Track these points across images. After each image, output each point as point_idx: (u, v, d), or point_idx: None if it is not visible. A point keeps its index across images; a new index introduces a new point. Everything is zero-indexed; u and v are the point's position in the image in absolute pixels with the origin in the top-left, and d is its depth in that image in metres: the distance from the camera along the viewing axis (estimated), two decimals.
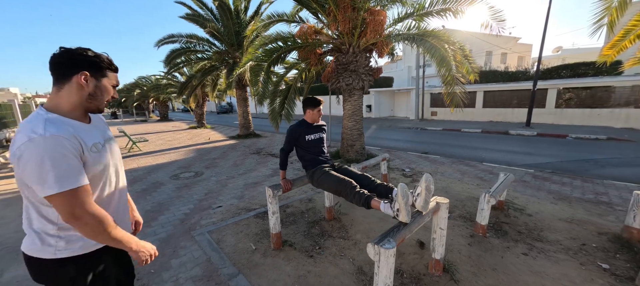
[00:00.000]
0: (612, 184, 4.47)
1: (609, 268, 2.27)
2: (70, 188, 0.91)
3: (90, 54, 1.03)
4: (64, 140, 0.92)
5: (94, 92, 1.05)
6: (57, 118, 0.97)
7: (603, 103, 11.96)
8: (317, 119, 2.59)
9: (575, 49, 27.12)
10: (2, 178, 5.72)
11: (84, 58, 1.01)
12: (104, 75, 1.07)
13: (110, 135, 1.21)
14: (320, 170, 2.45)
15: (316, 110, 2.56)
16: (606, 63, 4.49)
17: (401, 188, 1.79)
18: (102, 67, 1.06)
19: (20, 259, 2.62)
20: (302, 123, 2.60)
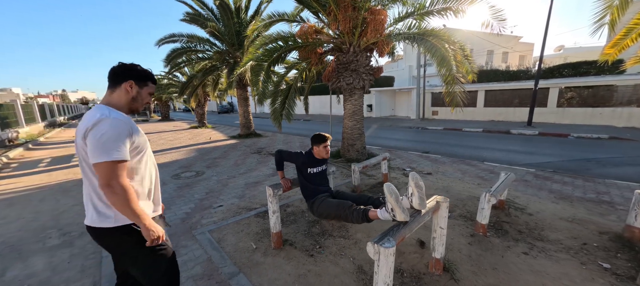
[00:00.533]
0: (614, 183, 4.46)
1: (610, 268, 2.26)
2: (113, 159, 1.15)
3: (138, 68, 1.37)
4: (122, 123, 1.21)
5: (135, 96, 1.37)
6: (112, 109, 1.26)
7: (605, 103, 11.90)
8: (323, 155, 2.59)
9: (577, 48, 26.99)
10: (4, 178, 5.75)
11: (131, 70, 1.35)
12: (145, 85, 1.39)
13: (143, 132, 1.46)
14: (319, 200, 2.45)
15: (322, 146, 2.57)
16: (608, 62, 4.46)
17: (387, 186, 1.80)
18: (144, 78, 1.38)
19: (22, 258, 2.65)
20: (309, 155, 2.61)
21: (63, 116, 25.71)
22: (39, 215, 3.68)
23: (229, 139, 10.60)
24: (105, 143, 1.14)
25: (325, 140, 2.56)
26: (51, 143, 10.92)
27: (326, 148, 2.57)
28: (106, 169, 1.14)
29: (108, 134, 1.15)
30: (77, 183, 5.20)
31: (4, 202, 4.26)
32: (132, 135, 1.25)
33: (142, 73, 1.37)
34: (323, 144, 2.56)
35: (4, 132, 10.07)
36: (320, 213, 2.43)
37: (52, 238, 3.03)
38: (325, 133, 2.60)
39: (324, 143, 2.56)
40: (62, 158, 7.78)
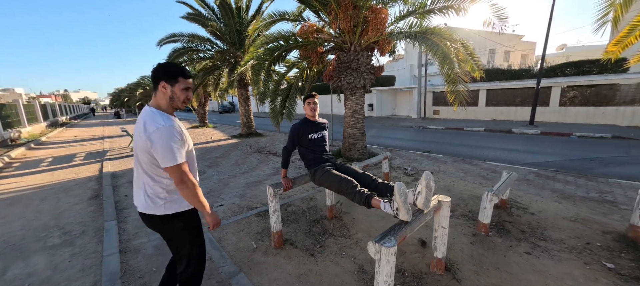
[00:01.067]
0: (617, 183, 4.42)
1: (613, 268, 2.24)
2: (182, 162, 1.34)
3: (166, 66, 1.41)
4: (175, 130, 1.34)
5: (171, 95, 1.41)
6: (162, 113, 1.39)
7: (608, 101, 11.82)
8: (309, 114, 2.59)
9: (580, 47, 26.84)
10: (6, 177, 5.77)
11: (160, 70, 1.40)
12: (176, 81, 1.40)
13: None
14: (322, 169, 2.45)
15: (306, 103, 2.58)
16: (611, 60, 4.42)
17: (398, 186, 1.77)
18: (173, 75, 1.40)
19: (23, 257, 2.65)
20: (305, 122, 2.60)
21: (65, 116, 25.83)
22: (41, 215, 3.69)
23: (230, 139, 10.61)
24: (168, 151, 1.30)
25: (310, 96, 2.57)
26: (53, 143, 10.96)
27: (310, 106, 2.57)
28: (177, 171, 1.33)
29: (167, 142, 1.31)
30: (78, 182, 5.21)
31: (5, 201, 4.27)
32: (182, 138, 1.39)
33: (171, 71, 1.40)
34: (307, 100, 2.57)
35: (7, 132, 10.12)
36: (321, 182, 2.43)
37: (53, 237, 3.04)
38: (312, 92, 2.61)
39: (308, 99, 2.57)
40: (64, 157, 7.80)
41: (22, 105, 12.69)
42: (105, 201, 4.00)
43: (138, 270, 2.39)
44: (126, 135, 9.17)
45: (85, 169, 6.29)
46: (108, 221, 3.31)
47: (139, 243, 2.85)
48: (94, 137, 12.81)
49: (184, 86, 1.43)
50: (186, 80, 1.43)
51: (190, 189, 1.37)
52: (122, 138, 11.14)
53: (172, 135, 1.32)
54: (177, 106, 1.45)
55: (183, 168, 1.35)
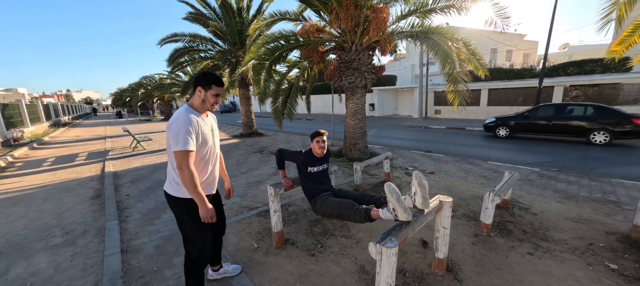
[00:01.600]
0: (621, 183, 4.39)
1: (617, 269, 2.22)
2: (183, 149, 1.53)
3: (205, 75, 1.69)
4: (192, 120, 1.59)
5: (204, 98, 1.69)
6: (190, 109, 1.68)
7: (611, 101, 11.74)
8: (317, 153, 2.54)
9: (583, 46, 26.69)
10: (9, 176, 5.80)
11: (199, 77, 1.70)
12: (209, 88, 1.68)
13: (215, 128, 1.87)
14: (321, 198, 2.42)
15: (315, 141, 2.52)
16: (614, 60, 4.39)
17: (387, 186, 1.78)
18: (209, 82, 1.68)
19: (25, 256, 2.66)
20: (309, 154, 2.57)
21: (67, 116, 25.95)
22: (43, 214, 3.71)
23: (231, 138, 10.62)
24: (179, 136, 1.54)
25: (319, 134, 2.53)
26: (55, 143, 11.01)
27: (319, 144, 2.52)
28: (179, 156, 1.54)
29: (180, 129, 1.55)
30: (80, 182, 5.23)
31: (8, 200, 4.30)
32: (197, 130, 1.61)
33: (207, 79, 1.68)
34: (316, 139, 2.53)
35: (9, 132, 10.17)
36: (323, 212, 2.40)
37: (55, 237, 3.05)
38: (321, 130, 2.57)
39: (317, 138, 2.52)
40: (66, 157, 7.84)
41: (25, 105, 12.75)
42: (107, 201, 4.01)
43: (139, 270, 2.39)
44: (128, 135, 9.20)
45: (87, 169, 6.31)
46: (109, 221, 3.32)
47: (140, 243, 2.85)
48: (96, 136, 12.86)
49: (216, 92, 1.70)
50: (219, 88, 1.71)
51: (187, 177, 1.55)
52: (124, 138, 11.18)
53: (185, 123, 1.56)
54: (207, 107, 1.73)
55: (186, 156, 1.54)
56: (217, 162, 1.88)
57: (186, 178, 1.56)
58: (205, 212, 1.64)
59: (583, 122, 8.10)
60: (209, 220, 1.67)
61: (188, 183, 1.57)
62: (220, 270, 2.21)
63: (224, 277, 2.21)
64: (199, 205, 1.63)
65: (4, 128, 9.78)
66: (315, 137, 2.54)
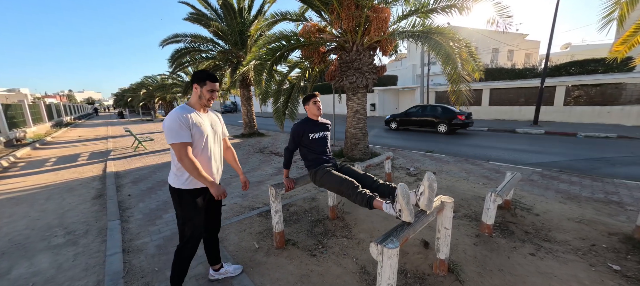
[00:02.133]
0: (623, 183, 4.36)
1: (620, 270, 2.21)
2: (177, 141, 1.66)
3: (200, 72, 1.79)
4: (181, 116, 1.70)
5: (200, 94, 1.80)
6: (185, 106, 1.79)
7: (613, 101, 11.69)
8: (316, 113, 2.53)
9: (585, 46, 26.59)
10: (12, 176, 5.83)
11: (195, 74, 1.80)
12: (204, 84, 1.78)
13: (217, 124, 1.97)
14: (322, 169, 2.41)
15: (311, 103, 2.51)
16: (617, 59, 4.37)
17: (401, 188, 1.76)
18: (203, 79, 1.77)
19: (28, 256, 2.68)
20: (307, 121, 2.54)
21: (70, 116, 26.06)
22: (45, 214, 3.72)
23: (232, 138, 10.63)
24: (170, 131, 1.66)
25: (312, 96, 2.52)
26: (58, 143, 11.06)
27: (316, 105, 2.51)
28: (175, 148, 1.67)
29: (170, 125, 1.66)
30: (82, 182, 5.25)
31: (11, 200, 4.32)
32: (188, 123, 1.70)
33: (201, 76, 1.78)
34: (312, 100, 2.51)
35: (12, 132, 10.22)
36: (322, 183, 2.39)
37: (57, 237, 3.06)
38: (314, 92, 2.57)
39: (312, 99, 2.51)
40: (68, 157, 7.87)
41: (28, 106, 12.81)
42: (109, 201, 4.02)
43: (140, 270, 2.40)
44: (129, 135, 9.22)
45: (89, 169, 6.33)
46: (111, 221, 3.33)
47: (141, 242, 2.86)
48: (98, 137, 12.91)
49: (210, 88, 1.79)
50: (212, 83, 1.80)
51: (188, 166, 1.68)
52: (126, 138, 11.21)
53: (174, 118, 1.67)
54: (204, 103, 1.82)
55: (182, 147, 1.66)
56: (218, 154, 1.96)
57: (188, 167, 1.68)
58: (216, 190, 1.79)
59: (433, 117, 11.17)
60: (220, 196, 1.82)
61: (191, 171, 1.69)
62: (221, 270, 2.23)
63: (225, 277, 2.22)
64: (209, 185, 1.76)
65: (6, 128, 9.83)
66: (309, 98, 2.52)
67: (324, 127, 2.61)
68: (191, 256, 1.92)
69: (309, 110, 2.54)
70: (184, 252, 1.88)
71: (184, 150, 1.67)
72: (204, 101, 1.81)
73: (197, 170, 1.70)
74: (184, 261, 1.91)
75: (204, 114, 1.86)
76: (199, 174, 1.71)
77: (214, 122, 1.94)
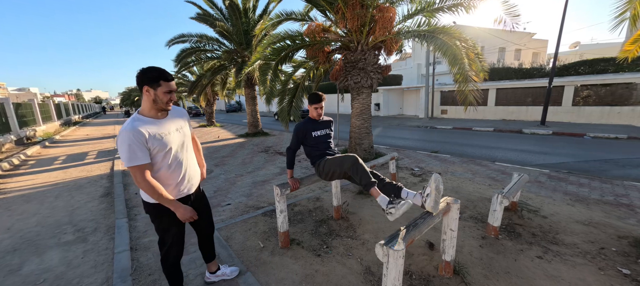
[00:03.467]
0: (633, 185, 4.28)
1: (630, 274, 2.17)
2: (132, 165, 1.44)
3: (148, 71, 1.49)
4: (134, 133, 1.44)
5: (154, 98, 1.52)
6: (137, 117, 1.53)
7: (624, 101, 11.44)
8: (315, 116, 2.56)
9: (594, 45, 26.07)
10: (22, 174, 5.96)
11: (142, 74, 1.49)
12: (159, 85, 1.51)
13: (182, 123, 1.72)
14: (323, 160, 2.46)
15: (313, 107, 2.53)
16: (628, 59, 4.27)
17: (435, 178, 1.81)
18: (155, 80, 1.50)
19: (39, 253, 2.73)
20: (308, 121, 2.58)
21: (78, 115, 26.49)
22: (55, 211, 3.80)
23: (237, 138, 10.70)
24: (122, 153, 1.45)
25: (318, 99, 2.51)
26: (66, 141, 11.26)
27: (317, 110, 2.52)
28: (132, 171, 1.47)
29: (121, 146, 1.45)
30: (90, 180, 5.34)
31: (22, 197, 4.41)
32: (143, 140, 1.47)
33: (152, 75, 1.49)
34: (314, 105, 2.51)
35: (22, 130, 10.43)
36: (326, 172, 2.43)
37: (67, 234, 3.12)
38: (320, 93, 2.56)
39: (315, 105, 2.51)
40: (77, 156, 8.01)
41: (37, 105, 13.07)
42: (116, 199, 4.08)
43: (148, 267, 2.44)
44: None
45: (97, 167, 6.44)
46: (119, 219, 3.39)
47: (148, 241, 2.90)
48: (105, 135, 13.11)
49: (166, 89, 1.53)
50: (168, 83, 1.54)
51: (147, 190, 1.50)
52: None
53: (125, 138, 1.44)
54: (161, 107, 1.56)
55: (137, 170, 1.46)
56: (191, 160, 1.77)
57: (147, 190, 1.50)
58: (182, 213, 1.61)
59: None
60: (188, 219, 1.65)
61: (152, 195, 1.52)
62: (217, 272, 2.18)
63: (221, 280, 2.19)
64: (174, 209, 1.59)
65: (17, 127, 10.04)
66: (313, 102, 2.51)
67: (326, 125, 2.64)
68: (177, 261, 1.82)
69: (310, 111, 2.58)
70: (168, 260, 1.78)
71: (140, 173, 1.46)
72: (161, 105, 1.54)
73: (157, 194, 1.51)
74: (172, 267, 1.81)
75: (163, 119, 1.59)
76: (160, 197, 1.52)
77: (179, 124, 1.67)
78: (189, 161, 1.74)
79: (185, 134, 1.72)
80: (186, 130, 1.75)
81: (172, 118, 1.65)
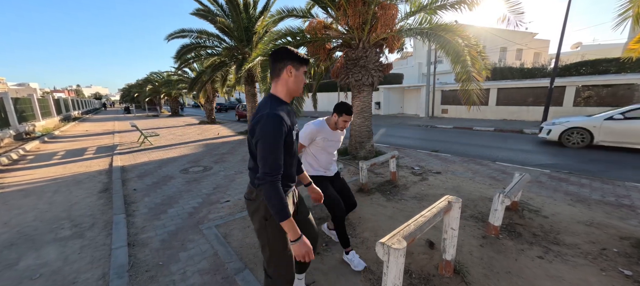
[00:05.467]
0: (635, 186, 4.26)
1: (631, 275, 2.15)
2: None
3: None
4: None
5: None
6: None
7: (625, 102, 11.37)
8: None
9: (596, 45, 26.00)
10: (21, 169, 5.93)
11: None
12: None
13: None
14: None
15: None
16: (632, 59, 4.24)
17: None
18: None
19: (36, 248, 2.71)
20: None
21: (77, 110, 26.44)
22: (53, 206, 3.78)
23: (236, 135, 10.67)
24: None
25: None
26: (66, 137, 11.23)
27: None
28: None
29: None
30: (89, 176, 5.32)
31: (20, 192, 4.39)
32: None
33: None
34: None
35: (22, 125, 10.40)
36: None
37: (64, 229, 3.10)
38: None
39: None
40: (76, 151, 7.98)
41: (37, 100, 13.02)
42: (115, 195, 4.06)
43: (145, 264, 2.42)
44: (136, 130, 9.31)
45: (96, 163, 6.41)
46: (117, 214, 3.36)
47: (146, 237, 2.88)
48: (105, 131, 13.08)
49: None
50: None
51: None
52: (132, 133, 11.33)
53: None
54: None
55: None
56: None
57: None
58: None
59: None
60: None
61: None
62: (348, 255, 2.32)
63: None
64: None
65: (16, 121, 10.00)
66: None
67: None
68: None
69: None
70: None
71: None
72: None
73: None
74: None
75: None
76: None
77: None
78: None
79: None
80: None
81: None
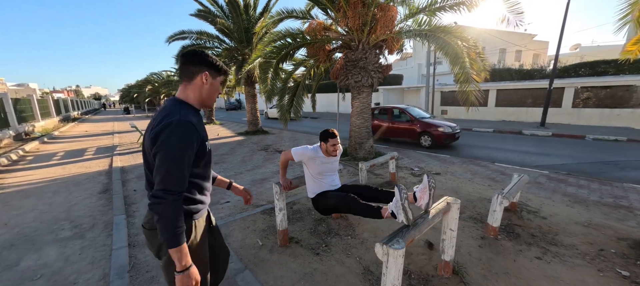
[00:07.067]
0: (633, 187, 4.28)
1: (629, 276, 2.17)
2: None
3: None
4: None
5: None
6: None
7: (624, 103, 11.44)
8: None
9: (595, 46, 26.09)
10: (21, 170, 5.93)
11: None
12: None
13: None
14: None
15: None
16: (629, 60, 4.26)
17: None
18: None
19: (36, 248, 2.72)
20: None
21: (77, 111, 26.40)
22: (53, 207, 3.78)
23: (236, 136, 10.67)
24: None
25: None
26: (65, 137, 11.22)
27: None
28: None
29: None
30: (89, 176, 5.32)
31: (20, 193, 4.39)
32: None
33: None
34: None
35: (21, 126, 10.39)
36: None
37: (64, 230, 3.10)
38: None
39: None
40: (75, 152, 7.98)
41: (36, 100, 13.01)
42: (115, 195, 4.07)
43: (146, 264, 2.42)
44: (135, 131, 9.31)
45: (96, 163, 6.41)
46: (117, 215, 3.37)
47: None
48: (104, 132, 13.07)
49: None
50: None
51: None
52: (131, 134, 11.33)
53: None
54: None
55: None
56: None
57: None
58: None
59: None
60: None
61: None
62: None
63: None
64: None
65: (15, 122, 9.99)
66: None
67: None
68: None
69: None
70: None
71: None
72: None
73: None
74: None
75: None
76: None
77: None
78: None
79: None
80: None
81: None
